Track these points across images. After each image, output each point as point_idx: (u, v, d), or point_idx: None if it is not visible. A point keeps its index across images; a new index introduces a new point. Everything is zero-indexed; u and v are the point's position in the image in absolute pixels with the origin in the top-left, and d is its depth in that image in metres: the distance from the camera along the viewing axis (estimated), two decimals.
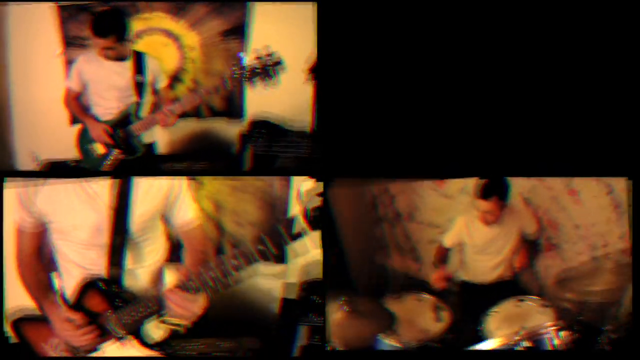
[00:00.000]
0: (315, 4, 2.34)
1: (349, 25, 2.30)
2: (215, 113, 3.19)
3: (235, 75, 2.47)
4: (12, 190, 1.97)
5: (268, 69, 2.45)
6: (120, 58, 2.64)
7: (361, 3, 2.30)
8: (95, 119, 2.71)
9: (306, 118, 2.87)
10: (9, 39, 2.97)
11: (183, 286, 1.85)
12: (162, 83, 2.77)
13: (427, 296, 2.50)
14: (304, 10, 2.62)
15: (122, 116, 2.68)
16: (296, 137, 2.92)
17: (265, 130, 2.97)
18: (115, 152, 2.69)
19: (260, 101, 3.18)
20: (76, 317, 1.92)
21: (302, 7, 2.81)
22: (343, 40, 2.30)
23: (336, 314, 2.22)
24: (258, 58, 2.45)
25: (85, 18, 2.95)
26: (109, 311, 1.93)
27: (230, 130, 3.15)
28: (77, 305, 1.95)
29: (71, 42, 3.04)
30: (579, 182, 2.52)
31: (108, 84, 2.67)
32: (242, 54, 2.56)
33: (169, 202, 2.03)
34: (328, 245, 2.23)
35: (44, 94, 3.07)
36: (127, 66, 2.66)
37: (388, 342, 2.21)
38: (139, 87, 2.68)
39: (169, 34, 3.09)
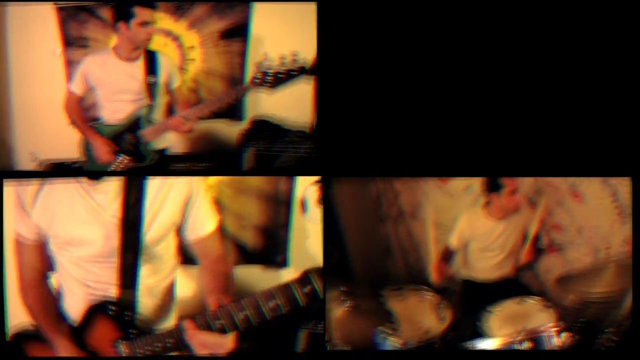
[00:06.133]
0: (316, 3, 2.33)
1: (349, 24, 2.29)
2: (215, 114, 3.17)
3: (256, 80, 2.42)
4: (10, 196, 1.82)
5: (292, 74, 2.40)
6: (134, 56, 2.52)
7: (361, 2, 2.29)
8: (96, 131, 2.57)
9: (306, 118, 2.87)
10: (9, 39, 2.95)
11: (207, 326, 1.62)
12: (177, 82, 2.67)
13: (429, 294, 2.49)
14: (305, 10, 2.61)
15: (132, 120, 2.56)
16: (296, 137, 2.91)
17: (266, 131, 2.95)
18: (122, 159, 2.55)
19: (260, 101, 3.19)
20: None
21: (303, 7, 2.81)
22: (344, 39, 2.29)
23: (337, 311, 2.21)
24: (282, 64, 2.40)
25: (85, 18, 2.95)
26: (121, 340, 1.76)
27: (231, 130, 3.14)
28: (84, 330, 1.79)
29: (71, 43, 3.01)
30: (584, 185, 2.52)
31: (118, 87, 2.54)
32: (265, 60, 2.47)
33: (185, 209, 1.87)
34: (330, 242, 2.22)
35: (44, 94, 3.05)
36: (139, 66, 2.54)
37: (389, 341, 2.20)
38: (151, 89, 2.56)
39: (168, 34, 3.08)
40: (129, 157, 2.55)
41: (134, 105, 2.56)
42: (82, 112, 2.64)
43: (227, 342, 1.62)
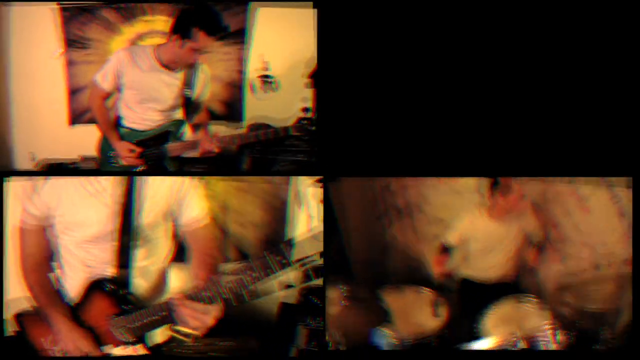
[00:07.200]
0: (316, 9, 2.35)
1: (349, 28, 2.30)
2: (214, 117, 3.19)
3: (303, 125, 2.37)
4: (17, 184, 1.91)
5: None
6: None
7: (361, 6, 2.30)
8: (120, 136, 2.40)
9: (304, 121, 2.86)
10: (10, 39, 2.99)
11: (195, 297, 1.71)
12: (207, 94, 2.49)
13: (426, 291, 2.48)
14: (305, 15, 2.64)
15: (160, 132, 2.41)
16: (294, 142, 2.91)
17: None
18: (143, 168, 2.42)
19: (259, 105, 3.20)
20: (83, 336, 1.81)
21: (303, 12, 2.84)
22: (343, 44, 2.30)
23: (335, 306, 2.20)
24: None
25: (87, 19, 3.01)
26: (116, 315, 1.83)
27: (229, 134, 3.14)
28: (82, 306, 1.85)
29: (72, 44, 3.04)
30: (586, 189, 2.49)
31: (150, 94, 2.36)
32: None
33: (177, 198, 1.93)
34: (329, 238, 2.21)
35: (43, 95, 3.08)
36: (178, 77, 2.37)
37: (385, 336, 2.18)
38: (186, 103, 2.40)
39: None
40: (148, 165, 2.43)
41: (163, 116, 2.41)
42: (106, 110, 2.43)
43: (213, 312, 1.71)
